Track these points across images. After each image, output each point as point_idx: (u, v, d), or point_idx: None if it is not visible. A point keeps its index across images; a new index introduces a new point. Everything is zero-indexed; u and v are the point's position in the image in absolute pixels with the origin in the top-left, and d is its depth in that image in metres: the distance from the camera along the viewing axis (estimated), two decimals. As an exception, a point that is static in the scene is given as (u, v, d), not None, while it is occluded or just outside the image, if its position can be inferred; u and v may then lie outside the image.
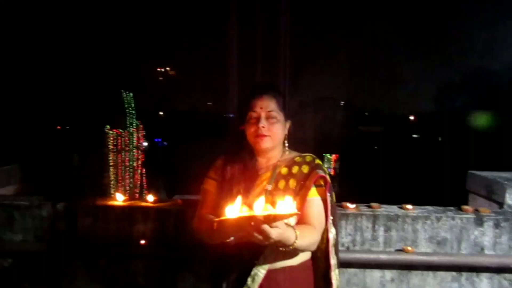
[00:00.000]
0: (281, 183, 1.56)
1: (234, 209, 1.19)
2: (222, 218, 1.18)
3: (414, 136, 38.03)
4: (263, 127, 1.54)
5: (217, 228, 1.25)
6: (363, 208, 2.45)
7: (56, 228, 2.42)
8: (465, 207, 2.44)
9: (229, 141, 1.72)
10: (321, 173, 1.56)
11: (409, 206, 2.47)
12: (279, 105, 1.59)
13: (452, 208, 2.50)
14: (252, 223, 1.17)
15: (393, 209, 2.47)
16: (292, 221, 1.49)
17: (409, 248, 2.29)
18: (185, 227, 2.31)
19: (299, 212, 1.38)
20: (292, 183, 1.56)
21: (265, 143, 1.56)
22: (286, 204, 1.21)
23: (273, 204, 1.37)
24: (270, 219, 1.17)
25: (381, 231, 2.35)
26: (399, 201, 2.59)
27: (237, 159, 1.63)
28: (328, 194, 1.56)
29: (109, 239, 2.38)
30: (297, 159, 1.63)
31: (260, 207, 1.19)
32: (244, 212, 1.19)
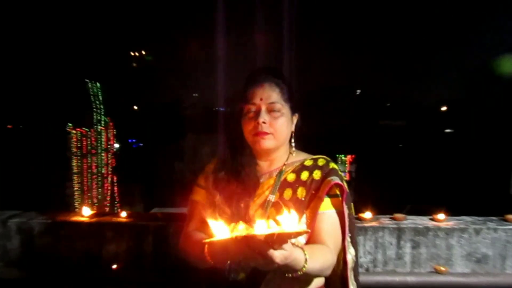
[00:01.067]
0: (287, 193, 1.56)
1: (229, 227, 1.18)
2: (214, 238, 1.18)
3: (447, 131, 38.19)
4: (263, 122, 1.53)
5: (208, 250, 1.24)
6: (385, 220, 2.46)
7: (7, 250, 2.41)
8: (510, 216, 2.45)
9: (222, 141, 1.73)
10: (336, 180, 1.55)
11: (441, 217, 2.47)
12: (283, 94, 1.57)
13: (494, 218, 2.51)
14: (251, 245, 1.18)
15: (422, 220, 2.48)
16: (302, 240, 1.48)
17: (442, 268, 2.29)
18: (167, 246, 2.32)
19: (309, 230, 1.37)
20: (301, 192, 1.55)
21: (267, 143, 1.55)
22: (294, 220, 1.19)
23: (277, 219, 1.36)
24: (274, 239, 1.14)
25: (407, 248, 2.36)
26: (429, 211, 2.59)
27: (233, 162, 1.62)
28: (345, 206, 1.54)
29: (74, 262, 2.38)
30: (307, 162, 1.62)
31: (261, 224, 1.16)
32: (241, 230, 1.18)
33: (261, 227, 1.16)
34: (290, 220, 1.19)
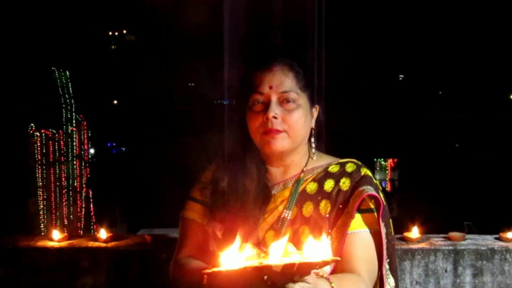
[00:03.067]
0: (307, 208, 1.56)
1: (234, 254, 1.17)
2: (216, 268, 1.17)
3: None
4: (274, 117, 1.51)
5: (207, 283, 1.24)
6: (438, 241, 2.46)
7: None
8: None
9: (223, 141, 1.72)
10: (370, 190, 1.54)
11: (510, 235, 2.47)
12: (299, 80, 1.56)
13: None
14: (265, 277, 1.17)
15: (486, 240, 2.48)
16: (327, 269, 1.48)
17: (512, 301, 2.29)
18: (158, 277, 2.34)
19: (338, 258, 1.31)
20: (325, 207, 1.55)
21: (279, 144, 1.54)
22: (317, 245, 1.20)
23: (296, 242, 1.35)
24: (294, 270, 1.13)
25: (467, 276, 2.35)
26: (495, 228, 2.59)
27: (236, 169, 1.62)
28: (381, 224, 1.54)
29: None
30: (332, 168, 1.62)
31: (277, 250, 1.15)
32: (252, 257, 1.18)
33: (277, 254, 1.15)
34: (314, 245, 1.19)
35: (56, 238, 2.53)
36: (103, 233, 2.54)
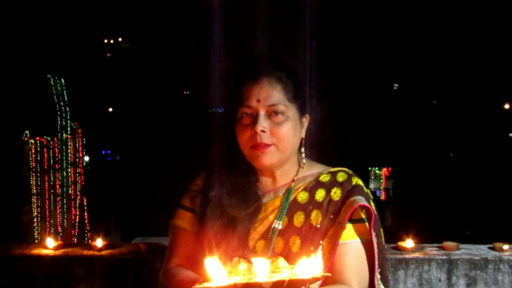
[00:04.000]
0: (298, 218, 1.56)
1: (223, 268, 1.17)
2: (206, 284, 1.15)
3: (513, 135, 37.96)
4: (262, 131, 1.51)
5: None
6: (432, 250, 2.47)
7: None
8: None
9: (214, 150, 1.72)
10: (362, 201, 1.54)
11: (505, 246, 2.48)
12: (287, 92, 1.56)
13: None
14: None
15: (480, 250, 2.49)
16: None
17: (505, 311, 2.30)
18: (152, 285, 2.33)
19: (329, 274, 1.34)
20: (316, 217, 1.55)
21: (268, 158, 1.54)
22: (308, 261, 1.18)
23: (287, 253, 1.35)
24: (284, 287, 1.15)
25: (461, 286, 2.36)
26: (489, 238, 2.60)
27: (227, 177, 1.63)
28: (373, 234, 1.53)
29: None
30: (323, 177, 1.63)
31: (265, 264, 1.16)
32: (242, 272, 1.18)
33: (265, 270, 1.15)
34: (304, 261, 1.18)
35: (51, 246, 2.53)
36: (99, 242, 2.53)
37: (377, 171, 32.34)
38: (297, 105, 1.58)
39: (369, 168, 31.50)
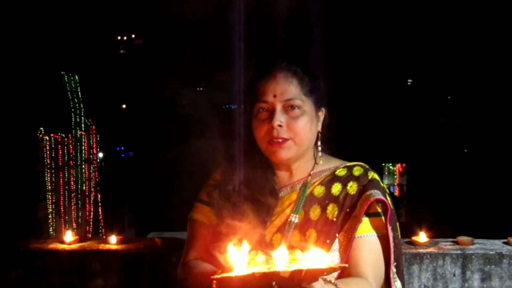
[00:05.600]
0: (314, 211, 1.57)
1: (242, 259, 1.19)
2: (225, 274, 1.18)
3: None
4: (279, 126, 1.52)
5: None
6: (447, 245, 2.47)
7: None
8: None
9: (231, 145, 1.70)
10: (378, 195, 1.55)
11: (520, 241, 2.47)
12: (303, 86, 1.57)
13: None
14: (273, 283, 1.16)
15: (494, 244, 2.48)
16: (334, 273, 1.49)
17: (520, 306, 2.29)
18: (168, 280, 2.35)
19: (346, 265, 1.36)
20: (332, 210, 1.56)
21: (285, 153, 1.55)
22: (324, 252, 1.20)
23: (303, 246, 1.36)
24: (302, 276, 1.15)
25: (475, 281, 2.36)
26: (503, 233, 2.59)
27: (244, 172, 1.64)
28: (389, 227, 1.54)
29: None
30: (340, 171, 1.63)
31: (284, 256, 1.18)
32: (260, 263, 1.19)
33: (284, 260, 1.17)
34: (321, 251, 1.20)
35: (68, 240, 2.55)
36: (113, 237, 2.56)
37: (391, 167, 32.11)
38: (313, 99, 1.59)
39: (383, 164, 31.28)
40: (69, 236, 2.58)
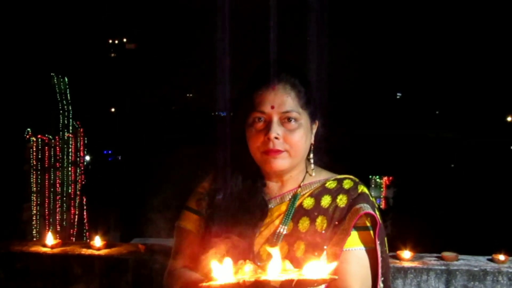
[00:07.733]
0: (303, 223, 1.56)
1: (230, 269, 1.17)
2: (213, 282, 1.16)
3: (516, 148, 37.84)
4: (276, 138, 1.51)
5: None
6: (431, 260, 2.46)
7: None
8: None
9: (221, 154, 1.69)
10: (367, 208, 1.54)
11: (502, 257, 2.47)
12: (301, 99, 1.56)
13: None
14: None
15: (479, 261, 2.48)
16: (321, 286, 1.42)
17: (503, 323, 2.29)
18: (150, 285, 2.34)
19: (336, 277, 1.31)
20: (321, 223, 1.55)
21: (280, 163, 1.54)
22: (315, 263, 1.19)
23: (292, 258, 1.35)
24: (291, 287, 1.14)
25: (459, 296, 2.36)
26: (488, 250, 2.59)
27: (234, 181, 1.63)
28: (377, 242, 1.53)
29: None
30: (330, 184, 1.63)
31: (274, 266, 1.17)
32: (249, 272, 1.18)
33: (275, 270, 1.16)
34: (311, 263, 1.18)
35: (50, 243, 2.52)
36: (97, 241, 2.53)
37: (378, 180, 32.26)
38: (309, 112, 1.59)
39: (370, 176, 31.40)
40: (50, 239, 2.55)
